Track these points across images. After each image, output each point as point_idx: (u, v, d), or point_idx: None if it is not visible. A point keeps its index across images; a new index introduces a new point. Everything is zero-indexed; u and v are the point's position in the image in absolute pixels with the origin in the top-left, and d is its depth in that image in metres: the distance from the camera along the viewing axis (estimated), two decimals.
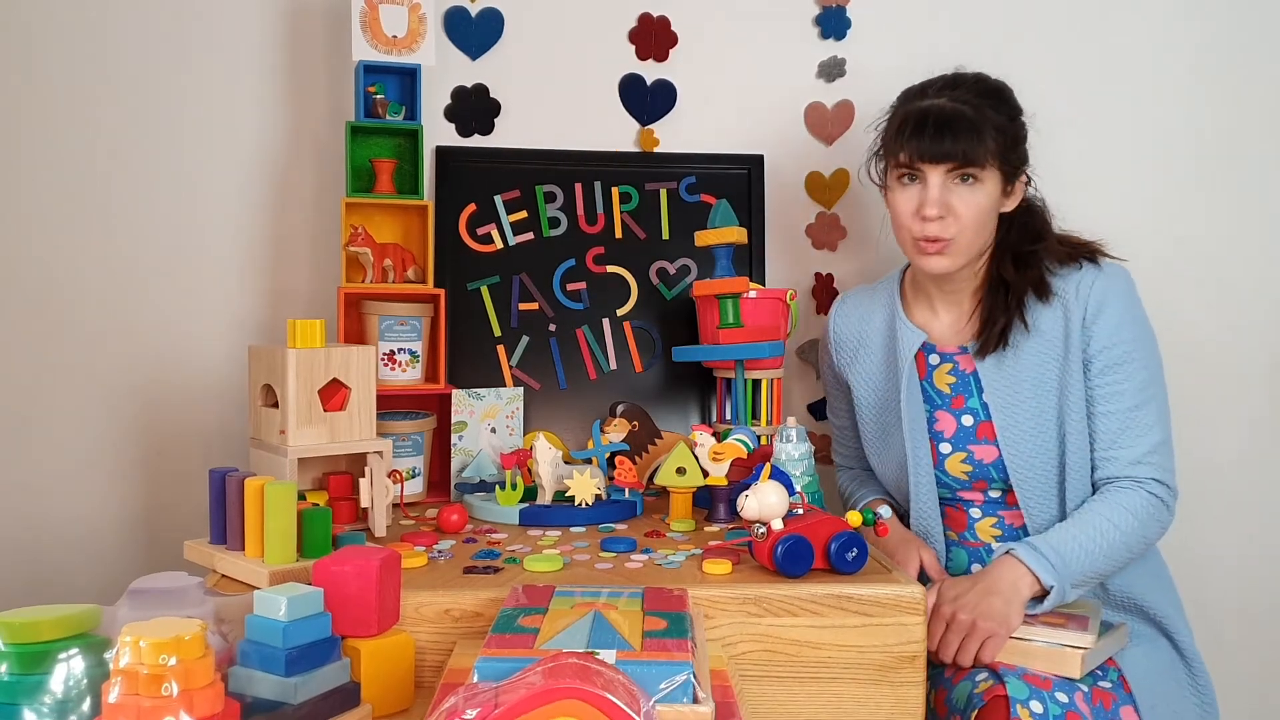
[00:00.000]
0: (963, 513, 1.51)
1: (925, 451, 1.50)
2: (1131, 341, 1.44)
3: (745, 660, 1.17)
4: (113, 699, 0.79)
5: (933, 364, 1.53)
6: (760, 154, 1.91)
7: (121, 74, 1.77)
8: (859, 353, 1.61)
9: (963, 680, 1.31)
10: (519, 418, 1.72)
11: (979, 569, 1.47)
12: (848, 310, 1.65)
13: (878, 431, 1.58)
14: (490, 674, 0.87)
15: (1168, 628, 1.44)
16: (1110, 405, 1.43)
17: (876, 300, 1.62)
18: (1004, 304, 1.46)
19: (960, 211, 1.42)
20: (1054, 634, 1.30)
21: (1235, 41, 1.92)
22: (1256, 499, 1.94)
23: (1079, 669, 1.27)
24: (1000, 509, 1.49)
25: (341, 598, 1.01)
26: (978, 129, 1.40)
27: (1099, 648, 1.30)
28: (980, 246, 1.47)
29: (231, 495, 1.22)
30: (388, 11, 1.65)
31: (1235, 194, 1.93)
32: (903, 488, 1.54)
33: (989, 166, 1.41)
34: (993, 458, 1.46)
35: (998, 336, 1.46)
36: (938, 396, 1.51)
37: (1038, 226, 1.51)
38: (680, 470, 1.50)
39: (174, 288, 1.80)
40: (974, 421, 1.48)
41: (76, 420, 1.78)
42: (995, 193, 1.44)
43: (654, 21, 1.89)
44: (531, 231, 1.86)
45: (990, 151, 1.41)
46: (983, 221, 1.44)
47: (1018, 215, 1.51)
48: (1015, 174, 1.46)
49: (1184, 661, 1.43)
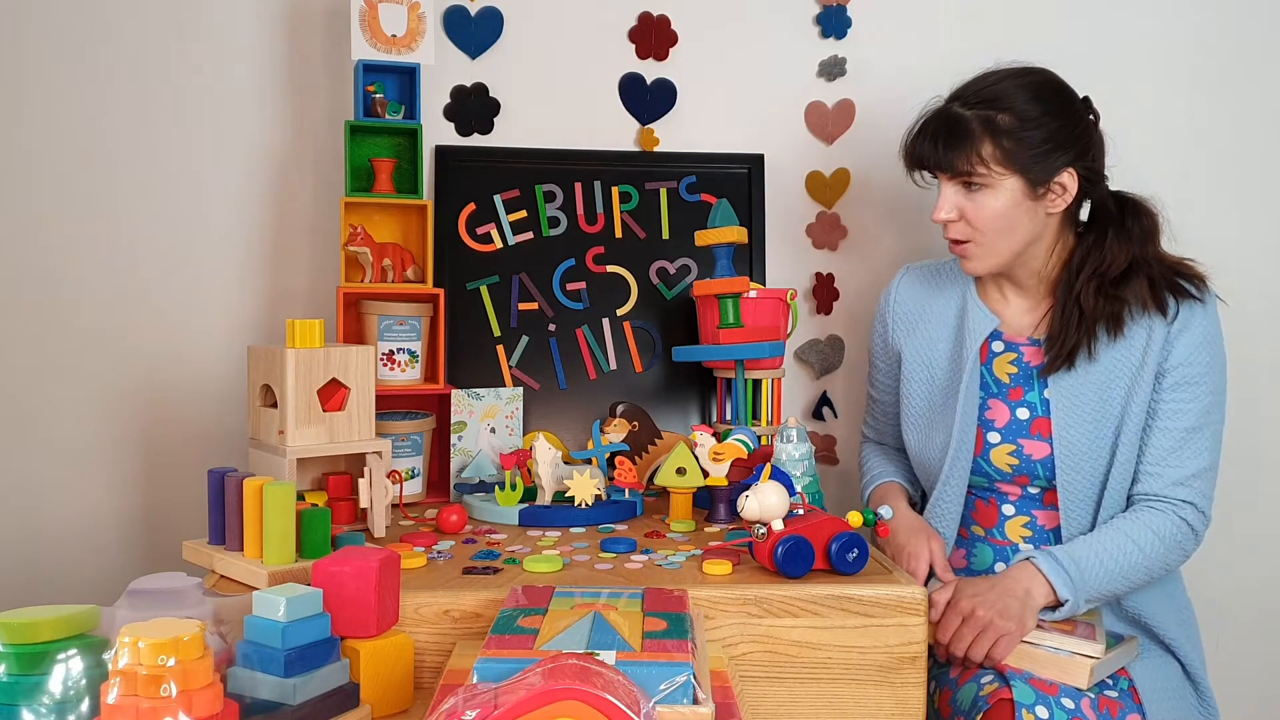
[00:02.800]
0: (994, 507, 1.49)
1: (971, 438, 1.48)
2: (1207, 364, 1.42)
3: (745, 661, 1.17)
4: (111, 699, 0.79)
5: (995, 350, 1.51)
6: (760, 153, 1.90)
7: (121, 73, 1.77)
8: (919, 326, 1.58)
9: (968, 682, 1.31)
10: (518, 418, 1.72)
11: (1002, 568, 1.45)
12: (913, 281, 1.62)
13: (924, 410, 1.55)
14: (490, 675, 0.86)
15: (1176, 651, 1.43)
16: (1170, 422, 1.41)
17: (948, 277, 1.58)
18: (1076, 326, 1.43)
19: (972, 216, 1.42)
20: (1063, 640, 1.29)
21: (1235, 41, 1.92)
22: (1257, 499, 1.94)
23: (1087, 679, 1.26)
24: (1035, 507, 1.47)
25: (341, 598, 1.00)
26: (970, 137, 1.38)
27: (1109, 659, 1.30)
28: (1011, 249, 1.44)
29: (230, 495, 1.22)
30: (387, 11, 1.65)
31: (1235, 193, 1.93)
32: (934, 471, 1.51)
33: (994, 173, 1.39)
34: (1043, 454, 1.45)
35: (1064, 357, 1.43)
36: (995, 384, 1.49)
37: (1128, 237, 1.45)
38: (680, 470, 1.49)
39: (173, 287, 1.80)
40: (1030, 415, 1.46)
41: (76, 420, 1.77)
42: (1015, 197, 1.40)
43: (654, 21, 1.88)
44: (531, 231, 1.86)
45: (992, 158, 1.38)
46: (1001, 226, 1.41)
47: (1095, 220, 1.47)
48: (1046, 177, 1.40)
49: (1192, 684, 1.42)
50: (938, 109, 1.45)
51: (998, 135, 1.38)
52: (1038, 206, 1.42)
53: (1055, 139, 1.40)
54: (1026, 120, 1.39)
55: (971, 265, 1.46)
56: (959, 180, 1.42)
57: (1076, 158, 1.41)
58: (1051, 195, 1.42)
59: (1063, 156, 1.40)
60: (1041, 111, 1.39)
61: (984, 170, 1.39)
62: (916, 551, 1.43)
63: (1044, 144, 1.39)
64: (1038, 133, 1.39)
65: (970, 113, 1.40)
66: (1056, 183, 1.41)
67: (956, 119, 1.40)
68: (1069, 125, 1.42)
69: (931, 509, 1.52)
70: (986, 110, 1.39)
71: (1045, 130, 1.39)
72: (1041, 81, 1.43)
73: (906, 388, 1.58)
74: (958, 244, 1.45)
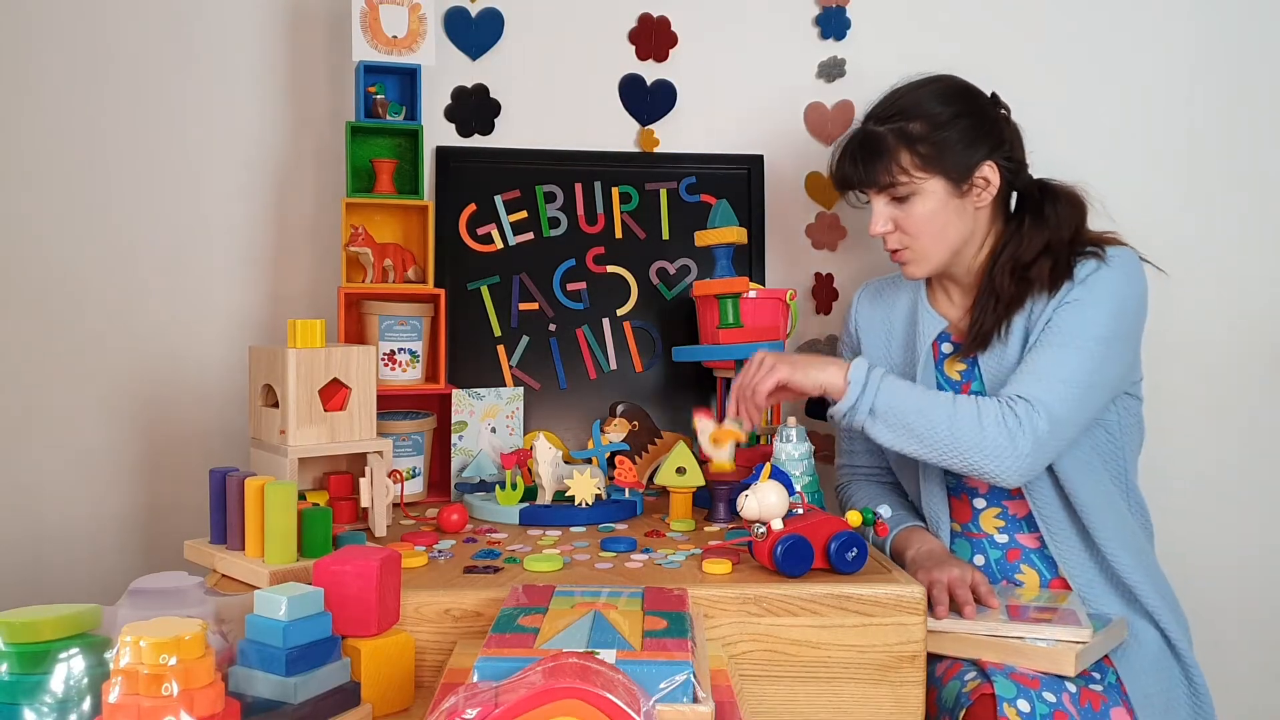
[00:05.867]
0: (967, 503, 1.51)
1: None
2: (1091, 300, 1.40)
3: (745, 660, 1.17)
4: (113, 699, 0.80)
5: (945, 351, 1.54)
6: (760, 154, 1.91)
7: (122, 74, 1.77)
8: (879, 337, 1.62)
9: (952, 680, 1.31)
10: (519, 418, 1.72)
11: (982, 561, 1.49)
12: (870, 296, 1.66)
13: None
14: (490, 674, 0.87)
15: (1159, 621, 1.41)
16: (1042, 339, 1.40)
17: (902, 288, 1.63)
18: (991, 310, 1.46)
19: (905, 225, 1.47)
20: (1046, 630, 1.29)
21: (1234, 40, 1.92)
22: (1256, 499, 1.94)
23: (1073, 666, 1.25)
24: (1004, 498, 1.49)
25: (341, 598, 1.01)
26: (889, 150, 1.44)
27: (1094, 644, 1.29)
28: (947, 248, 1.48)
29: (232, 495, 1.22)
30: (388, 12, 1.65)
31: (1235, 194, 1.93)
32: (913, 474, 1.54)
33: (916, 179, 1.44)
34: None
35: (978, 340, 1.47)
36: (948, 384, 1.52)
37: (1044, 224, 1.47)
38: (680, 470, 1.50)
39: (175, 288, 1.80)
40: None
41: (77, 420, 1.78)
42: (941, 200, 1.45)
43: (654, 21, 1.89)
44: (531, 231, 1.86)
45: (912, 165, 1.43)
46: (934, 229, 1.46)
47: (1019, 209, 1.51)
48: (967, 173, 1.44)
49: (1181, 667, 1.42)
50: (853, 131, 1.51)
51: (913, 143, 1.43)
52: (965, 204, 1.47)
53: (968, 136, 1.45)
54: (937, 124, 1.44)
55: (911, 270, 1.51)
56: (886, 194, 1.47)
57: (992, 150, 1.46)
58: (976, 190, 1.47)
59: (979, 151, 1.45)
60: (951, 113, 1.45)
61: (905, 179, 1.44)
62: (939, 579, 1.38)
63: (958, 143, 1.44)
64: (951, 133, 1.44)
65: (884, 128, 1.46)
66: (979, 177, 1.46)
67: (872, 136, 1.46)
68: (979, 122, 1.47)
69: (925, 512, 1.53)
70: (898, 122, 1.45)
71: (957, 130, 1.44)
72: (946, 86, 1.49)
73: None
74: (896, 253, 1.51)
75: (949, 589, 1.34)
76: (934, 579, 1.34)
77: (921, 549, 1.45)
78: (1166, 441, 1.88)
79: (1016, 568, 1.48)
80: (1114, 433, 1.48)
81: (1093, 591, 1.44)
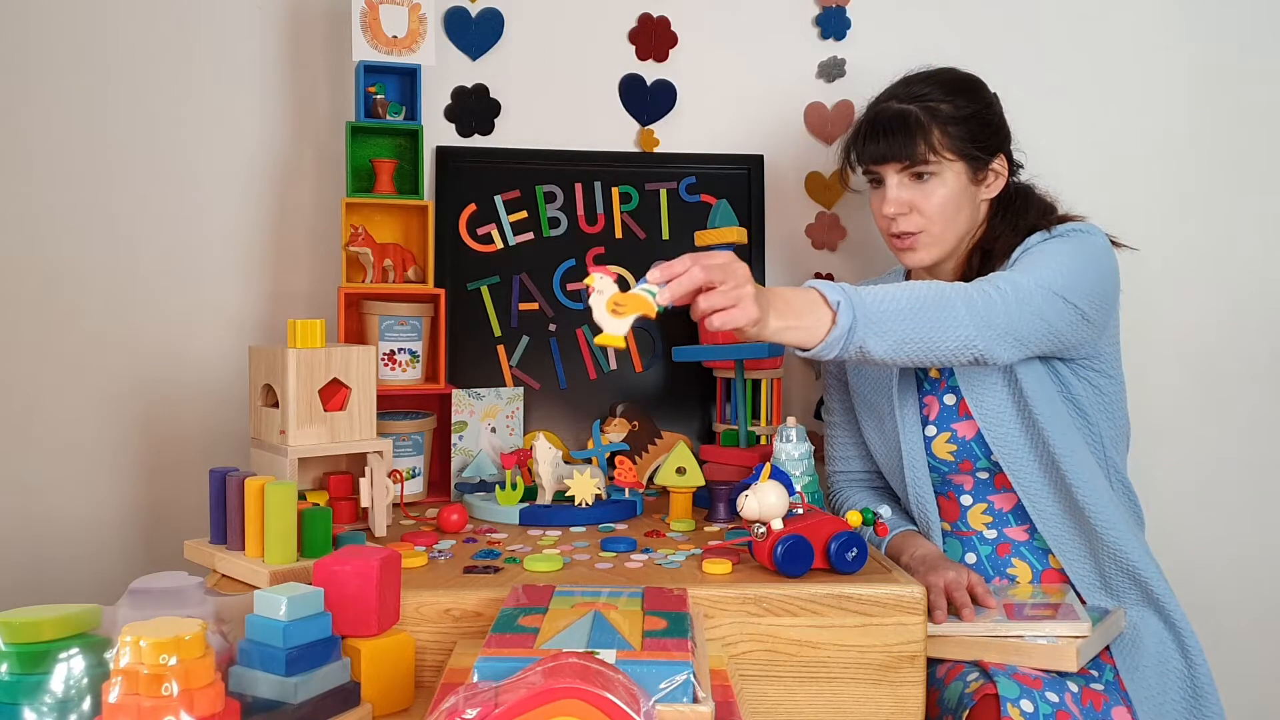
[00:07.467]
0: (954, 501, 1.51)
1: (917, 435, 1.51)
2: (1055, 243, 1.41)
3: (745, 660, 1.17)
4: (113, 699, 0.79)
5: None
6: (760, 154, 1.91)
7: (122, 74, 1.77)
8: None
9: (954, 680, 1.31)
10: (519, 418, 1.72)
11: (973, 559, 1.49)
12: None
13: (874, 419, 1.59)
14: (490, 674, 0.87)
15: (1158, 597, 1.40)
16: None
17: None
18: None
19: (922, 206, 1.47)
20: (1045, 627, 1.29)
21: (1234, 40, 1.92)
22: (1256, 499, 1.94)
23: (1075, 661, 1.25)
24: (990, 493, 1.49)
25: (341, 598, 1.01)
26: (923, 126, 1.44)
27: (1094, 637, 1.29)
28: (956, 235, 1.50)
29: (232, 495, 1.22)
30: (388, 12, 1.65)
31: (1235, 194, 1.93)
32: (900, 474, 1.54)
33: (943, 160, 1.45)
34: (973, 433, 1.46)
35: None
36: (927, 382, 1.53)
37: (1019, 216, 1.50)
38: (680, 470, 1.50)
39: (174, 287, 1.80)
40: (955, 400, 1.49)
41: (76, 420, 1.78)
42: (960, 183, 1.47)
43: (654, 21, 1.89)
44: (531, 231, 1.86)
45: (942, 145, 1.45)
46: (950, 213, 1.47)
47: (1003, 204, 1.53)
48: (984, 161, 1.48)
49: (1183, 655, 1.41)
50: (879, 109, 1.50)
51: (944, 122, 1.45)
52: (976, 192, 1.50)
53: (989, 126, 1.49)
54: (962, 109, 1.47)
55: (919, 255, 1.50)
56: (909, 172, 1.47)
57: (1003, 144, 1.51)
58: (987, 181, 1.50)
59: (994, 142, 1.49)
60: (971, 101, 1.48)
61: (935, 158, 1.45)
62: (935, 584, 1.38)
63: (982, 130, 1.48)
64: (974, 120, 1.47)
65: (913, 106, 1.46)
66: (991, 169, 1.49)
67: (903, 112, 1.47)
68: (994, 115, 1.51)
69: (913, 511, 1.53)
70: (927, 102, 1.46)
71: (979, 118, 1.48)
72: (962, 76, 1.52)
73: (856, 399, 1.62)
74: (907, 236, 1.49)
75: (946, 592, 1.34)
76: (930, 583, 1.34)
77: (916, 553, 1.45)
78: (1165, 441, 1.89)
79: (1008, 562, 1.48)
80: (1087, 411, 1.45)
81: (1084, 570, 1.43)
